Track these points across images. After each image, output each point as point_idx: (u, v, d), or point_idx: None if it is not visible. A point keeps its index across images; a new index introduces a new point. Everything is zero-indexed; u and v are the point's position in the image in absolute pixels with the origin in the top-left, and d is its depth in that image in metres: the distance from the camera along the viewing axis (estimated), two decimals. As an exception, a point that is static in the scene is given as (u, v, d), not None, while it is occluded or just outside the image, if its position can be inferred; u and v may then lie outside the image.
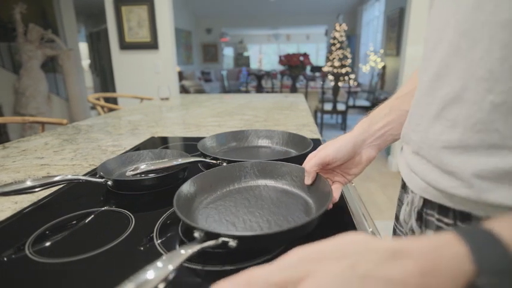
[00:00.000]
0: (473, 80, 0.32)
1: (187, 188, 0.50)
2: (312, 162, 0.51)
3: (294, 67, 4.71)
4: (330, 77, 5.59)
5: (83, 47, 6.46)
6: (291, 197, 0.53)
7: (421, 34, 2.62)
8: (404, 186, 0.50)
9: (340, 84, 4.19)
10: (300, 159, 0.58)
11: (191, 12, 7.80)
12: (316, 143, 0.85)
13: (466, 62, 0.32)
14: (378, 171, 3.05)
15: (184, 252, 0.33)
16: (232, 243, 0.35)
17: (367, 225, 0.50)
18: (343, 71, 5.78)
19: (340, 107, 4.34)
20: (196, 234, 0.37)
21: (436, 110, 0.36)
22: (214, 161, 0.68)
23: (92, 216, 0.52)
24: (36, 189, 0.54)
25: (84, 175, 0.60)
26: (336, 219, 0.49)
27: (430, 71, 0.38)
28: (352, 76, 5.50)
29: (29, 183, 0.53)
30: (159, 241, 0.44)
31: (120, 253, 0.42)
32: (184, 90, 6.07)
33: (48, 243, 0.44)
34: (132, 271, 0.38)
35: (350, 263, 0.18)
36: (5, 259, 0.41)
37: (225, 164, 0.65)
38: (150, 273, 0.28)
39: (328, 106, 4.37)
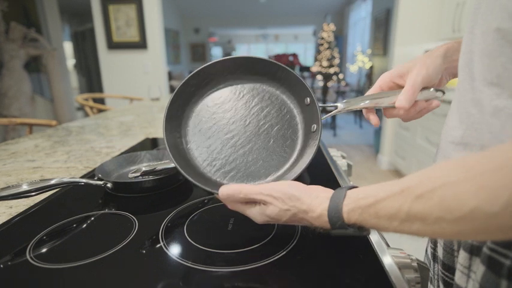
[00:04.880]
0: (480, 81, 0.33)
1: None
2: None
3: (284, 67, 4.72)
4: (319, 77, 5.64)
5: (68, 47, 6.30)
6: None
7: (408, 34, 2.67)
8: None
9: (329, 84, 4.23)
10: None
11: (179, 11, 7.72)
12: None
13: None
14: (368, 170, 3.10)
15: None
16: None
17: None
18: (332, 71, 5.83)
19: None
20: None
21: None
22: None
23: (93, 219, 0.51)
24: (33, 193, 0.52)
25: (81, 177, 0.59)
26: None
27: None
28: (341, 76, 5.56)
29: (25, 187, 0.51)
30: (164, 242, 0.43)
31: (127, 257, 0.41)
32: (173, 90, 5.99)
33: (50, 248, 0.43)
34: (140, 275, 0.38)
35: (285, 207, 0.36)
36: (6, 265, 0.40)
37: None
38: None
39: (317, 106, 4.39)
